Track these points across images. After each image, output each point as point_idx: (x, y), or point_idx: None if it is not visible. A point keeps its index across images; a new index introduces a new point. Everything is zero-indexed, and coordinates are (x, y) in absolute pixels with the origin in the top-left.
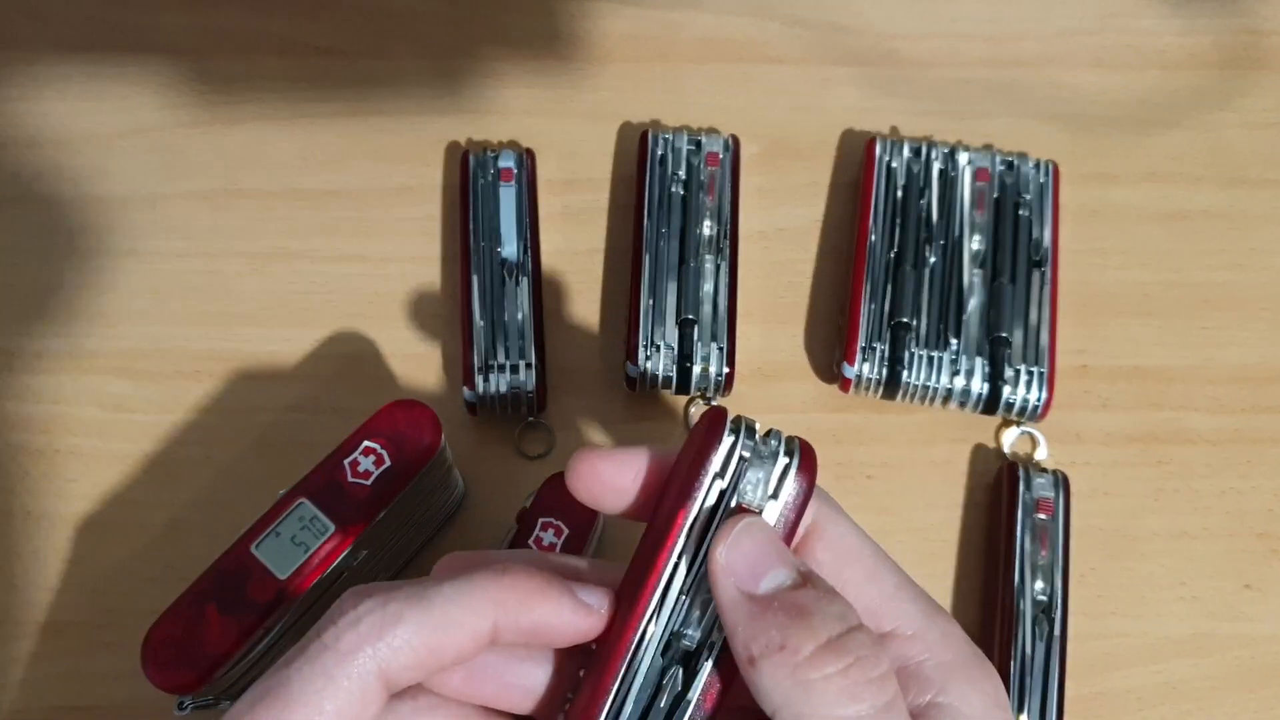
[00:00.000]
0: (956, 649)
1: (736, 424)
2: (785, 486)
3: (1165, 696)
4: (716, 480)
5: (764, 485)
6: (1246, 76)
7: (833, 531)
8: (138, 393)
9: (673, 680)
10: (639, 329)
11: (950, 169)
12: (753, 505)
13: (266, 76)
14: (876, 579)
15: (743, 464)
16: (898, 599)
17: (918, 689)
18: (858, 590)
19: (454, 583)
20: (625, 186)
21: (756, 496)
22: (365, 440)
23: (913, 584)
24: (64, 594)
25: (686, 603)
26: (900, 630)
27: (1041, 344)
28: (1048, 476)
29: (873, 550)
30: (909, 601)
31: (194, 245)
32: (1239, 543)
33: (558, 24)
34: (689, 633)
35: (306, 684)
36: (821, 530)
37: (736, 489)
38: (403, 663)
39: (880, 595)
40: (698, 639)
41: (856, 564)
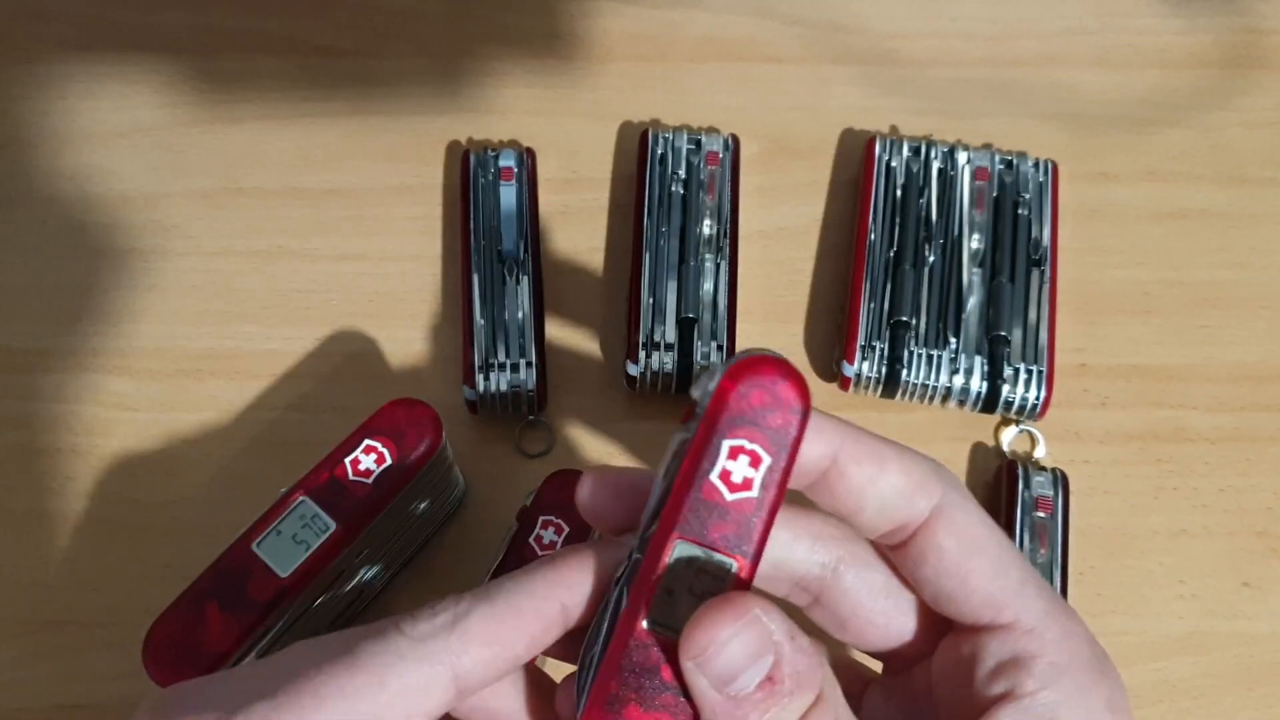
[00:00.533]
0: (1075, 650)
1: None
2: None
3: (1164, 694)
4: None
5: (707, 386)
6: (1247, 76)
7: (960, 519)
8: (138, 391)
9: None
10: (639, 327)
11: (950, 168)
12: (696, 401)
13: (267, 75)
14: (1002, 571)
15: (711, 370)
16: (1022, 594)
17: (1021, 681)
18: (983, 581)
19: (515, 575)
20: (625, 185)
21: (700, 397)
22: (366, 438)
23: (1039, 579)
24: (65, 592)
25: None
26: (1020, 624)
27: (1040, 342)
28: (1047, 475)
29: (1000, 541)
30: (1033, 597)
31: (194, 244)
32: (1238, 541)
33: (558, 23)
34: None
35: (374, 657)
36: (949, 517)
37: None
38: (474, 654)
39: (1004, 588)
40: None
41: (982, 555)
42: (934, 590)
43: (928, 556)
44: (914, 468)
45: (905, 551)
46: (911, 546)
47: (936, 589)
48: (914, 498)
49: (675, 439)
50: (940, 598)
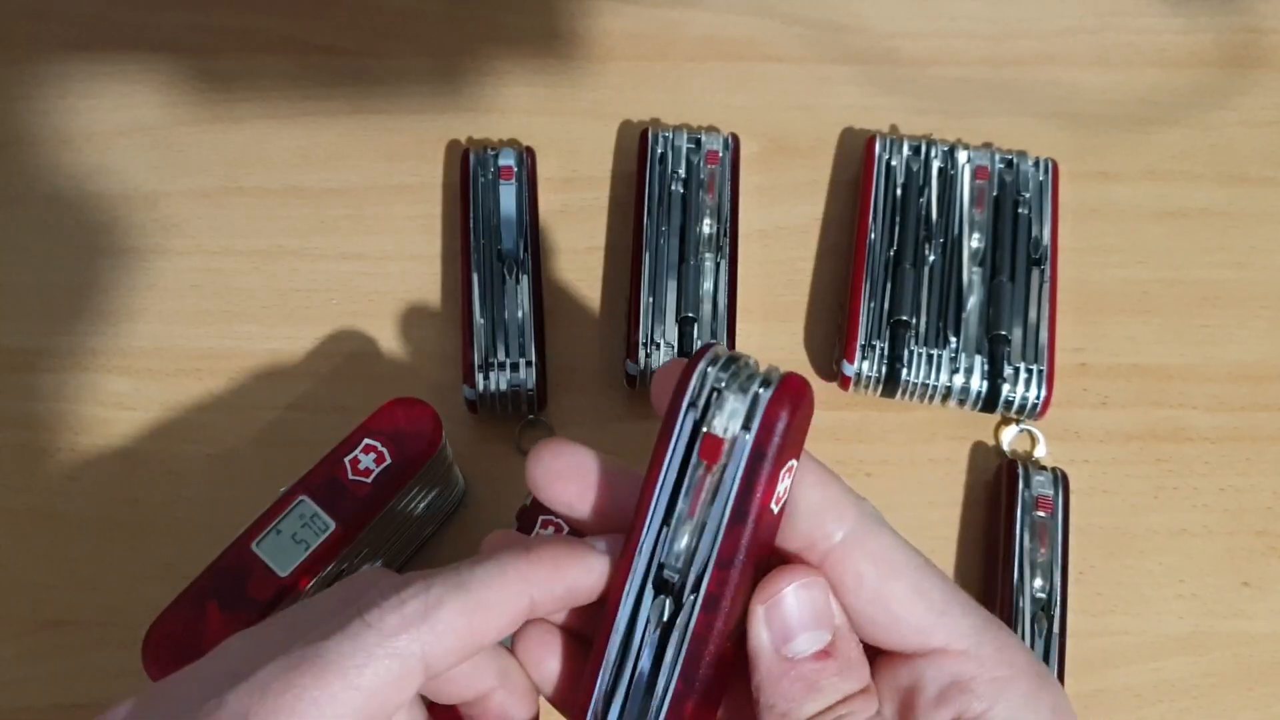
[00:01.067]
0: (1012, 662)
1: (716, 356)
2: (757, 417)
3: (1164, 694)
4: (691, 413)
5: (737, 415)
6: (1246, 75)
7: (875, 544)
8: (138, 390)
9: (659, 610)
10: (639, 327)
11: (950, 167)
12: (724, 436)
13: (267, 75)
14: (924, 593)
15: (715, 395)
16: (948, 614)
17: (968, 703)
18: (904, 606)
19: (486, 565)
20: (625, 184)
21: (727, 428)
22: (366, 438)
23: (964, 596)
24: (65, 591)
25: (669, 534)
26: (951, 646)
27: (1041, 342)
28: (1047, 474)
29: (919, 564)
30: (960, 616)
31: (194, 243)
32: (1238, 540)
33: (558, 22)
34: (674, 564)
35: (345, 659)
36: (863, 541)
37: (707, 419)
38: (445, 646)
39: (928, 610)
40: (681, 570)
41: (901, 578)
42: (858, 618)
43: (846, 582)
44: (830, 488)
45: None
46: (829, 572)
47: (860, 616)
48: (824, 518)
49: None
50: (865, 625)
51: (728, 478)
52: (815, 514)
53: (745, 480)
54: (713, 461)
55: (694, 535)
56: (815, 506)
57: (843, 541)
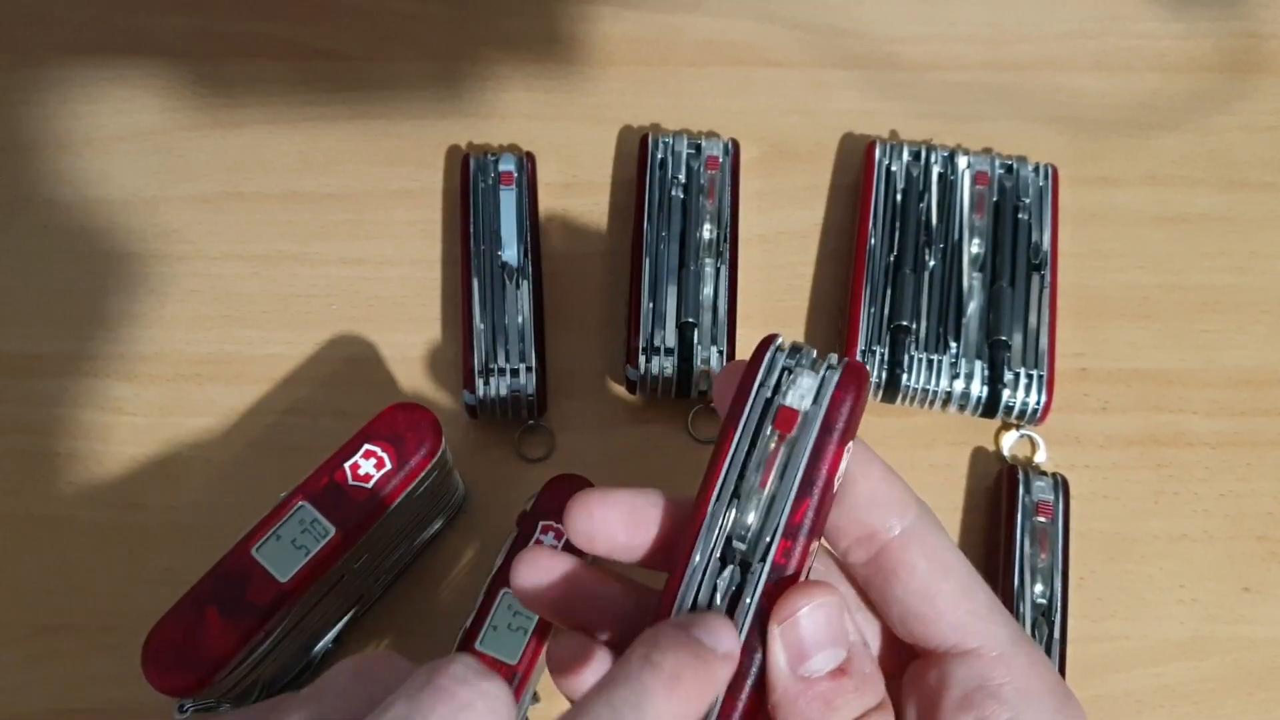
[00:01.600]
0: (1041, 676)
1: (783, 343)
2: (828, 393)
3: (1164, 699)
4: (762, 390)
5: (808, 391)
6: (1246, 80)
7: (931, 542)
8: (138, 395)
9: (727, 581)
10: (639, 332)
11: (950, 172)
12: (798, 408)
13: (267, 80)
14: (969, 596)
15: (785, 374)
16: (989, 620)
17: (995, 710)
18: (950, 604)
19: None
20: (625, 190)
21: (799, 401)
22: (366, 443)
23: (1004, 609)
24: (64, 597)
25: (739, 505)
26: (986, 650)
27: (1041, 347)
28: (1047, 479)
29: (968, 569)
30: (1000, 625)
31: (194, 248)
32: (1238, 545)
33: (558, 27)
34: (741, 533)
35: None
36: (921, 537)
37: (779, 396)
38: None
39: (971, 613)
40: (750, 540)
41: (952, 579)
42: (902, 610)
43: (899, 573)
44: (895, 483)
45: (875, 567)
46: (882, 562)
47: (905, 608)
48: (888, 509)
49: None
50: (908, 618)
51: (799, 450)
52: (881, 505)
53: (815, 452)
54: (787, 431)
55: (763, 506)
56: (881, 498)
57: (901, 534)
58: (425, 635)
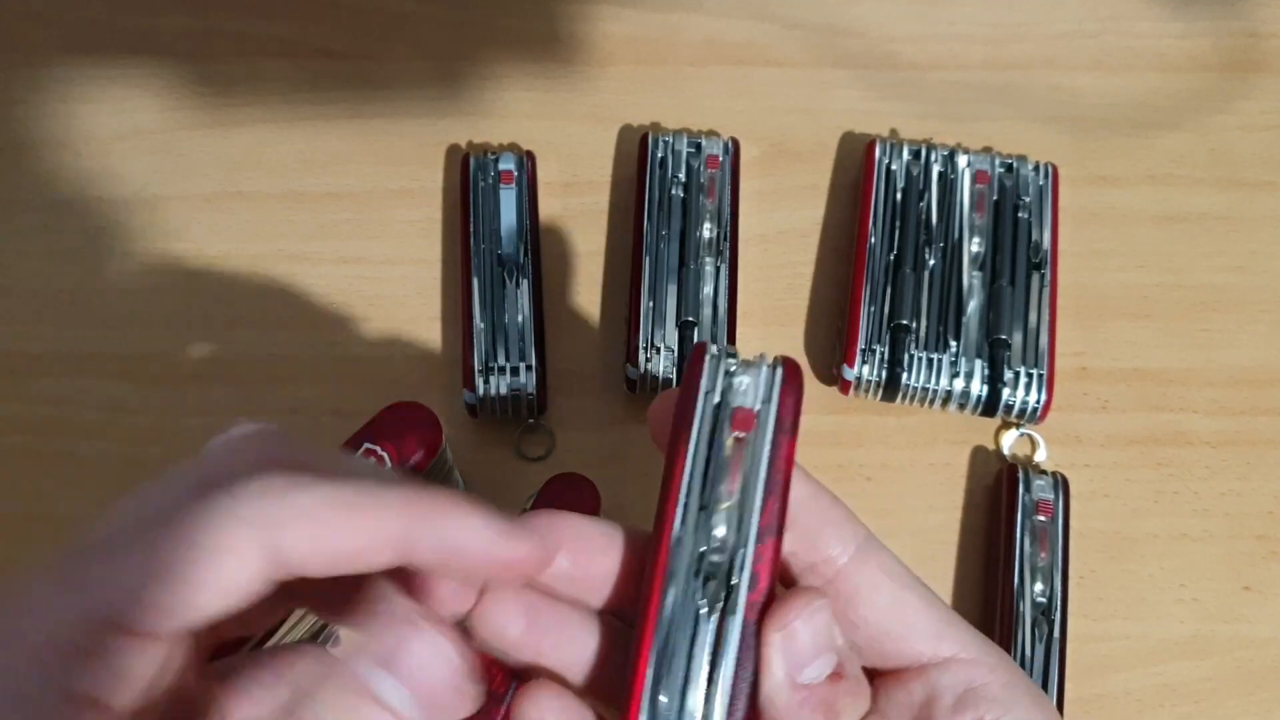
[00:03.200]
0: (1014, 674)
1: (715, 350)
2: (776, 389)
3: (1165, 698)
4: (709, 397)
5: (755, 390)
6: (1246, 79)
7: (883, 557)
8: (138, 395)
9: (711, 598)
10: (639, 331)
11: (950, 171)
12: (753, 407)
13: (267, 79)
14: (934, 605)
15: (729, 377)
16: (957, 625)
17: (986, 708)
18: (921, 615)
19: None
20: (625, 189)
21: (751, 400)
22: (366, 442)
23: (956, 613)
24: None
25: (707, 517)
26: (963, 654)
27: (1041, 346)
28: (1047, 478)
29: (919, 580)
30: (963, 629)
31: (195, 247)
32: (1238, 545)
33: (558, 27)
34: (716, 546)
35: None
36: (875, 555)
37: (730, 398)
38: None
39: (940, 621)
40: (726, 551)
41: (912, 590)
42: (872, 630)
43: (861, 592)
44: (840, 506)
45: (835, 593)
46: (842, 586)
47: (875, 628)
48: (838, 530)
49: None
50: (879, 637)
51: (757, 450)
52: (834, 527)
53: (774, 449)
54: (747, 430)
55: (734, 514)
56: (834, 520)
57: (857, 554)
58: None
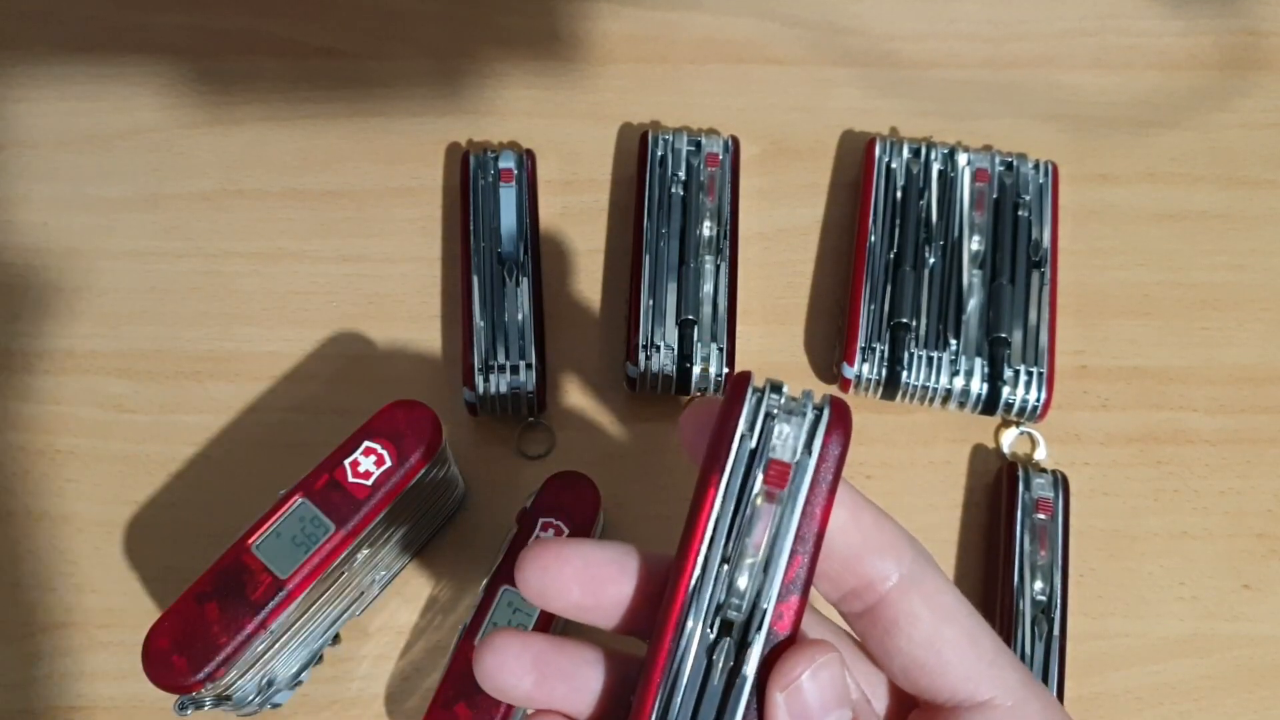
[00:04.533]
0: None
1: (761, 384)
2: (818, 440)
3: (1164, 697)
4: (745, 441)
5: (796, 440)
6: (1246, 77)
7: (930, 585)
8: (137, 393)
9: (723, 653)
10: (639, 329)
11: (950, 169)
12: (790, 460)
13: (267, 77)
14: (975, 642)
15: (770, 421)
16: (997, 665)
17: None
18: (956, 651)
19: None
20: (625, 187)
21: (789, 452)
22: (366, 440)
23: (1009, 650)
24: (64, 594)
25: (729, 570)
26: (999, 700)
27: (1041, 344)
28: (1047, 477)
29: (969, 611)
30: (1009, 670)
31: (194, 245)
32: (1238, 543)
33: (558, 25)
34: (735, 601)
35: None
36: (919, 583)
37: (766, 446)
38: None
39: (979, 660)
40: (745, 608)
41: (954, 624)
42: (906, 661)
43: (899, 623)
44: (887, 527)
45: (874, 618)
46: (880, 613)
47: (909, 660)
48: (882, 557)
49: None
50: (912, 669)
51: (790, 505)
52: (875, 553)
53: (808, 506)
54: (780, 488)
55: (758, 569)
56: (874, 546)
57: (899, 582)
58: (425, 632)
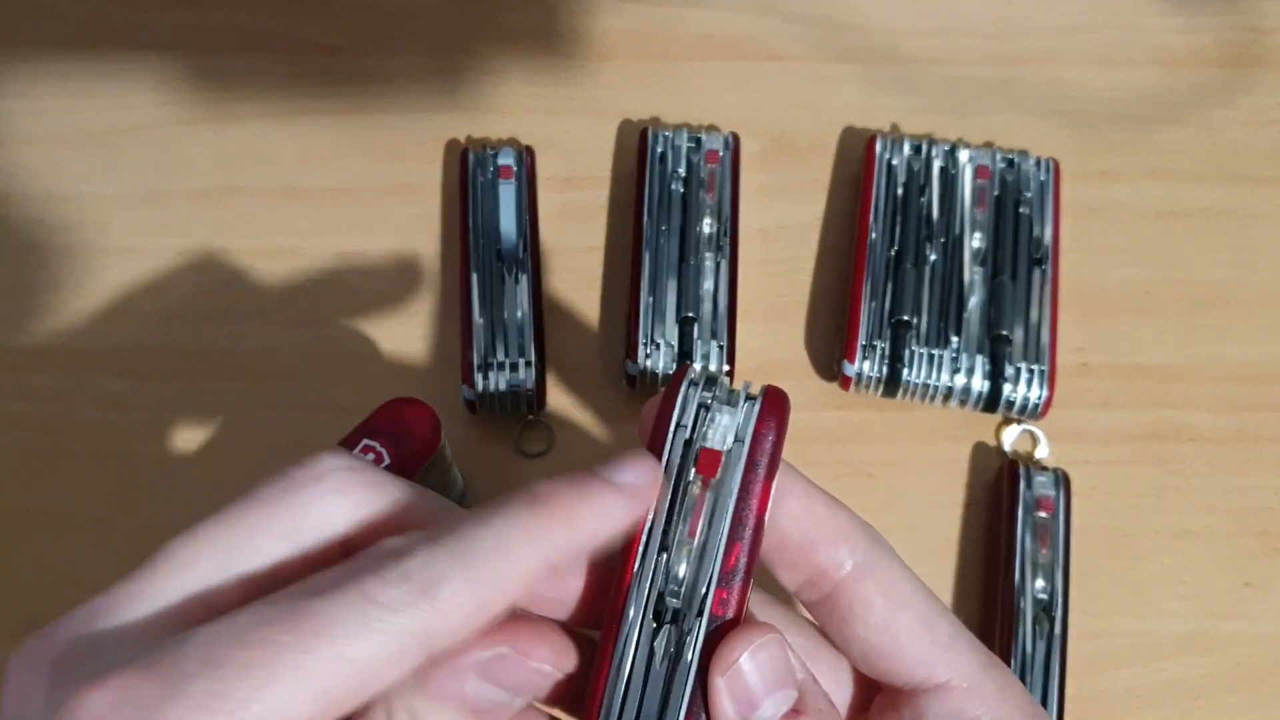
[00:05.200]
0: (1015, 703)
1: (698, 376)
2: (750, 428)
3: (1166, 695)
4: (680, 431)
5: (728, 429)
6: (1248, 74)
7: (885, 572)
8: (136, 391)
9: (664, 641)
10: (639, 327)
11: (951, 166)
12: (721, 448)
13: (265, 74)
14: (930, 626)
15: (705, 411)
16: (953, 649)
17: None
18: (912, 636)
19: (492, 527)
20: (625, 184)
21: (720, 441)
22: (364, 438)
23: (967, 633)
24: (63, 593)
25: (668, 559)
26: (955, 682)
27: (1042, 342)
28: (1048, 475)
29: (925, 596)
30: (965, 652)
31: (193, 243)
32: (1240, 541)
33: (557, 21)
34: (674, 589)
35: (337, 625)
36: (874, 569)
37: (700, 435)
38: (449, 624)
39: (934, 644)
40: (683, 595)
41: (910, 609)
42: (863, 647)
43: (854, 610)
44: (840, 515)
45: (831, 605)
46: (838, 599)
47: (866, 645)
48: (836, 545)
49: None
50: (870, 655)
51: (725, 492)
52: (829, 541)
53: (742, 492)
54: (711, 475)
55: (695, 556)
56: (828, 534)
57: (853, 570)
58: None
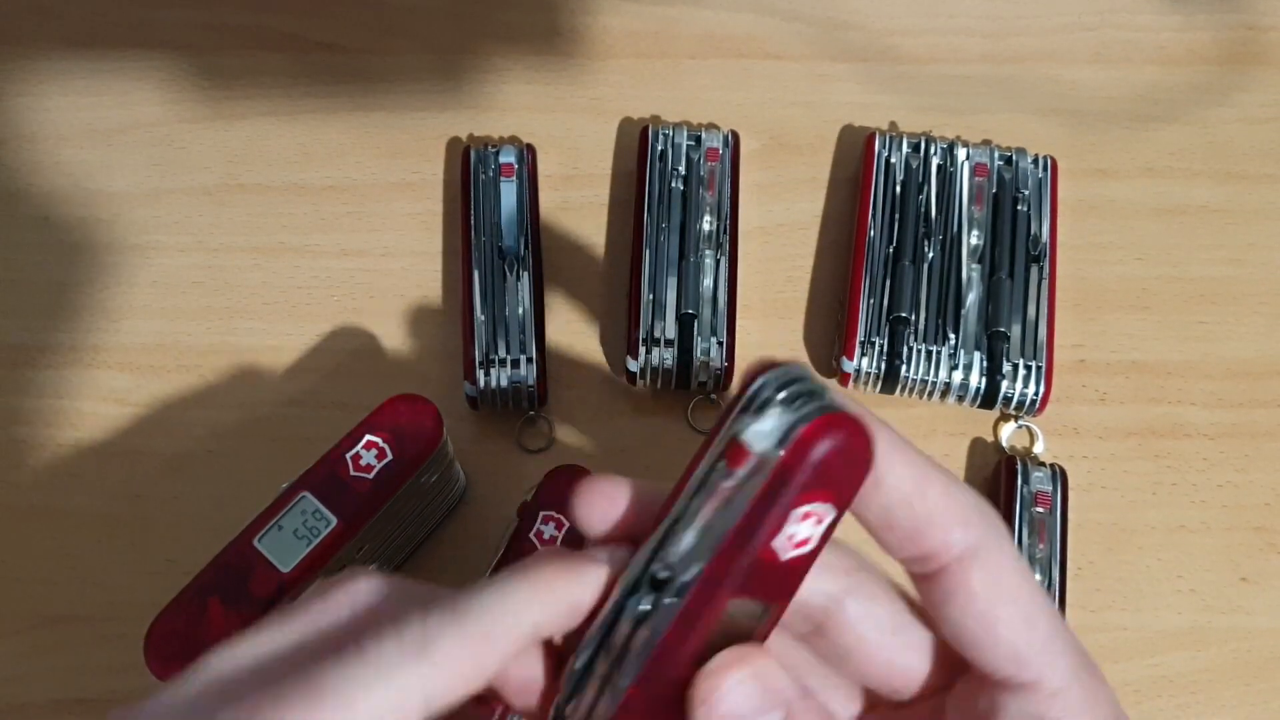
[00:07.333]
0: (1100, 713)
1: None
2: (791, 439)
3: (1163, 689)
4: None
5: (772, 433)
6: (1245, 72)
7: (994, 562)
8: (140, 387)
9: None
10: (639, 323)
11: (949, 164)
12: (752, 448)
13: (268, 72)
14: (1032, 623)
15: (764, 405)
16: (1048, 650)
17: None
18: (1010, 631)
19: (487, 593)
20: (625, 182)
21: (759, 442)
22: (367, 434)
23: (1067, 633)
24: (67, 587)
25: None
26: (1044, 683)
27: (1039, 338)
28: (1045, 470)
29: (1031, 590)
30: (1059, 655)
31: (195, 240)
32: (1236, 536)
33: (558, 20)
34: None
35: (340, 689)
36: (983, 558)
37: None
38: (445, 681)
39: (1030, 642)
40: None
41: (1012, 604)
42: (957, 631)
43: (955, 596)
44: (957, 497)
45: (933, 584)
46: (940, 580)
47: (960, 630)
48: (949, 528)
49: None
50: (963, 640)
51: (743, 495)
52: (939, 525)
53: (757, 503)
54: (734, 467)
55: (698, 539)
56: (939, 517)
57: (961, 555)
58: None
